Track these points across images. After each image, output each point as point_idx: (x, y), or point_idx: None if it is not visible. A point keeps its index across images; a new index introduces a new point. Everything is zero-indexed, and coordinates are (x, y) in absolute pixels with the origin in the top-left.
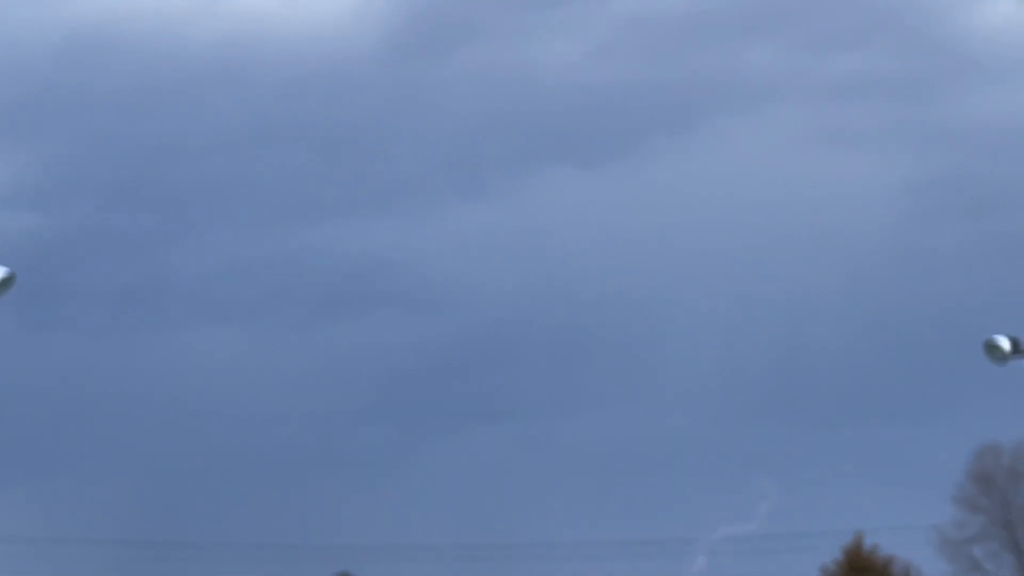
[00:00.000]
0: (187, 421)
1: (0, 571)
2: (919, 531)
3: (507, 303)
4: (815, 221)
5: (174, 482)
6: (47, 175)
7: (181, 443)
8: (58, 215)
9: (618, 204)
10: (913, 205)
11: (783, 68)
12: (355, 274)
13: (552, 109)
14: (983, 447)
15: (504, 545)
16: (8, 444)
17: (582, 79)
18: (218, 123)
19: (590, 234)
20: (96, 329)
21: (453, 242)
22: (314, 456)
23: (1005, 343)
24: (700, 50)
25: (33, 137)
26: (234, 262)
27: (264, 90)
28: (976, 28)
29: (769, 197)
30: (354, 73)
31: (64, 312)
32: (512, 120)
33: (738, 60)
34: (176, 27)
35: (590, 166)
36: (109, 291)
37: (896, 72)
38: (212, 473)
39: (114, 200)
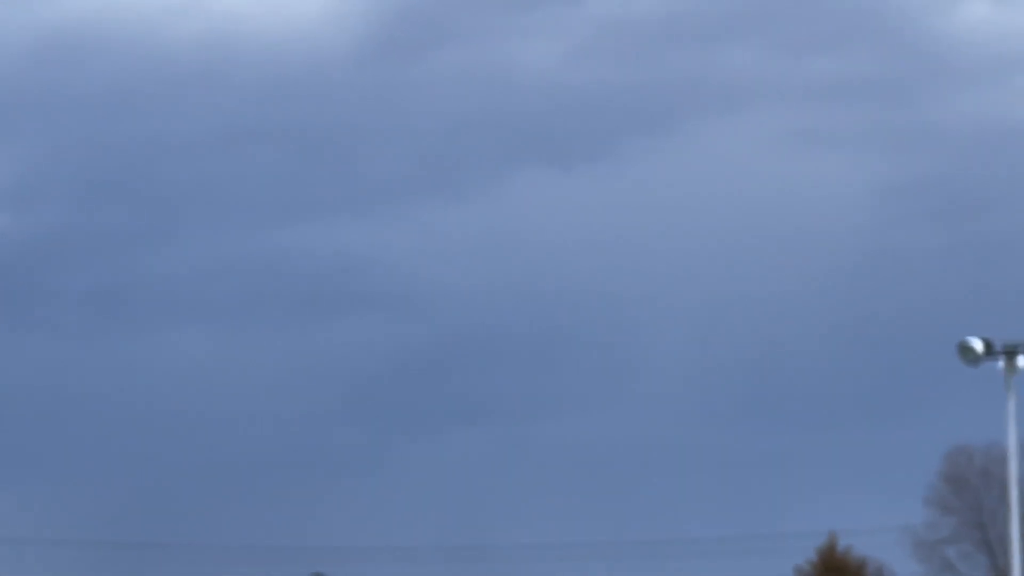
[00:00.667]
0: (164, 422)
1: None
2: (892, 532)
3: (485, 304)
4: (792, 222)
5: (149, 483)
6: (24, 175)
7: (157, 444)
8: (36, 215)
9: (596, 205)
10: (889, 206)
11: (760, 70)
12: (333, 275)
13: (530, 110)
14: (955, 449)
15: (482, 547)
16: None
17: (560, 80)
18: (195, 123)
19: (569, 235)
20: (73, 330)
21: (431, 243)
22: (291, 457)
23: (978, 345)
24: (677, 52)
25: (10, 137)
26: (212, 263)
27: (242, 90)
28: (951, 30)
29: (747, 198)
30: (332, 74)
31: (41, 313)
32: (490, 121)
33: (715, 62)
34: (154, 27)
35: (568, 167)
36: (86, 292)
37: (872, 74)
38: (188, 474)
39: (92, 200)
